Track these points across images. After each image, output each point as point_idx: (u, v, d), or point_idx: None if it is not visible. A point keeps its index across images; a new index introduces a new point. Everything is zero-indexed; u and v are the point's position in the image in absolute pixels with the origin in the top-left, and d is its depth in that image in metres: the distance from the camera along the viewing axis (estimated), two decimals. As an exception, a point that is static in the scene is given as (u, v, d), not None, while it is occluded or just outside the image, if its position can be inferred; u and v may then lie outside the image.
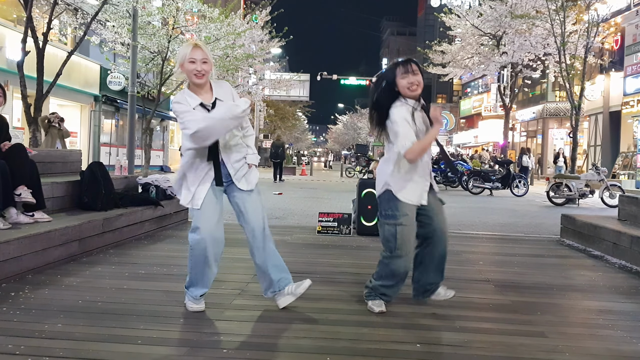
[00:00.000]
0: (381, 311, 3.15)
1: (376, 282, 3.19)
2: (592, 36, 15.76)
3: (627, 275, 4.47)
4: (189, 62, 2.92)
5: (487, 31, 19.85)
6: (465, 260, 4.87)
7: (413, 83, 3.02)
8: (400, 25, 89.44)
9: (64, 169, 6.20)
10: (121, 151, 20.40)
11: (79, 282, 3.63)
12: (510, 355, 2.58)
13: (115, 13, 16.24)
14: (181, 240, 5.53)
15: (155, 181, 6.37)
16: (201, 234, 2.95)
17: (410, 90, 3.03)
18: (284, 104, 43.23)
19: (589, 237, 5.71)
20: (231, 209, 3.20)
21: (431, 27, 63.30)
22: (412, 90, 3.04)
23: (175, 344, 2.57)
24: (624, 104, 21.46)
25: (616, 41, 21.54)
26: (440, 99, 61.16)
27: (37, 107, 9.51)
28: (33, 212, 4.27)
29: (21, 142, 4.84)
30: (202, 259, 2.98)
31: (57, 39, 16.03)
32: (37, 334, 2.62)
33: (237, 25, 19.92)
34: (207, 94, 3.00)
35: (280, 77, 34.12)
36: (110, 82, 20.49)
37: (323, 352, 2.53)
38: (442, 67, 22.66)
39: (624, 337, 2.89)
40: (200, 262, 2.99)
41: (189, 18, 18.62)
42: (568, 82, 15.79)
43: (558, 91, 29.04)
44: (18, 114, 15.52)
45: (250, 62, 23.22)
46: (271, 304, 3.30)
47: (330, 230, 6.11)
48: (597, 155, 23.45)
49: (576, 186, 12.51)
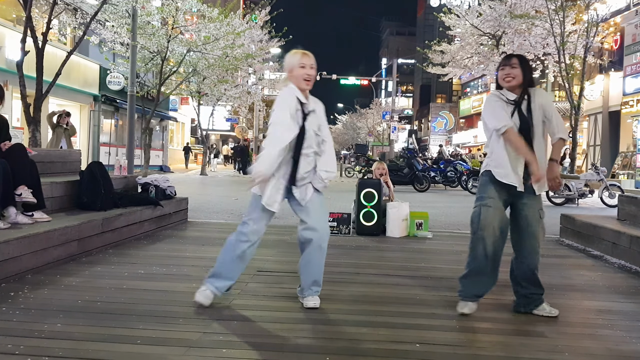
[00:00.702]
0: (463, 313, 3.14)
1: (462, 274, 3.26)
2: (591, 36, 15.77)
3: (627, 275, 4.47)
4: (299, 67, 3.08)
5: (487, 31, 19.83)
6: (465, 260, 4.86)
7: (509, 74, 3.14)
8: (400, 25, 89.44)
9: (64, 168, 6.20)
10: (120, 151, 20.39)
11: (78, 282, 3.62)
12: (510, 355, 2.58)
13: (115, 13, 16.23)
14: (180, 240, 5.54)
15: (154, 181, 6.37)
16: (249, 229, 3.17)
17: (505, 81, 3.16)
18: (284, 104, 43.13)
19: (588, 237, 5.72)
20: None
21: (431, 27, 63.32)
22: (507, 82, 3.16)
23: (175, 344, 2.57)
24: (623, 103, 21.48)
25: (615, 41, 21.55)
26: (440, 99, 61.23)
27: (37, 106, 9.51)
28: (33, 212, 4.27)
29: (21, 142, 4.83)
30: (238, 254, 3.17)
31: (57, 39, 16.02)
32: (37, 334, 2.62)
33: (237, 25, 19.91)
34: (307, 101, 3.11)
35: (280, 77, 34.07)
36: (109, 82, 20.48)
37: (323, 352, 2.53)
38: (441, 67, 22.64)
39: (623, 336, 2.89)
40: (236, 256, 3.17)
41: (188, 18, 18.62)
42: (567, 82, 15.79)
43: (557, 91, 29.05)
44: (18, 113, 15.52)
45: (249, 62, 23.23)
46: (271, 303, 3.30)
47: (332, 230, 6.11)
48: (597, 155, 23.46)
49: (575, 186, 12.51)
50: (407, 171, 16.48)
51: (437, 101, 60.16)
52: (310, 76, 3.08)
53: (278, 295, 3.51)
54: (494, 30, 19.67)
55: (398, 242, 5.86)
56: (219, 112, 33.68)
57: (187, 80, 21.33)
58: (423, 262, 4.79)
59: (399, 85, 64.71)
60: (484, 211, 3.10)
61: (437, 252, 5.36)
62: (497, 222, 3.09)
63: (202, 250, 5.01)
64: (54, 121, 11.30)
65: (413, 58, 65.81)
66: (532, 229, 3.13)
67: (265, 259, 4.59)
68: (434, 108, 55.36)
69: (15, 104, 14.97)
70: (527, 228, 3.14)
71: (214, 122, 30.79)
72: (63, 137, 11.23)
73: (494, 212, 3.09)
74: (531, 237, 3.14)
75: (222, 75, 21.36)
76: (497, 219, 3.10)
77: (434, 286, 3.85)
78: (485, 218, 3.08)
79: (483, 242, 3.10)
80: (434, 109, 54.88)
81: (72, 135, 11.64)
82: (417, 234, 6.27)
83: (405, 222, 6.27)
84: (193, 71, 20.21)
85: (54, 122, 11.30)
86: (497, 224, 3.09)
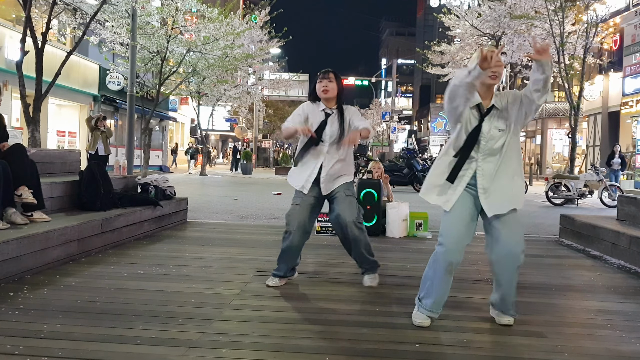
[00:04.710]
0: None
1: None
2: (591, 36, 15.78)
3: (626, 276, 4.47)
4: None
5: (486, 31, 19.85)
6: (464, 260, 4.83)
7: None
8: (400, 26, 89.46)
9: (63, 168, 6.19)
10: (120, 151, 20.38)
11: (77, 282, 3.62)
12: (510, 355, 2.58)
13: (114, 13, 16.24)
14: (180, 240, 5.53)
15: (154, 181, 6.37)
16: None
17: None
18: (283, 104, 43.23)
19: (587, 237, 5.72)
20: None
21: (430, 28, 63.40)
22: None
23: (174, 344, 2.56)
24: (622, 104, 21.49)
25: (615, 41, 21.55)
26: (440, 99, 61.19)
27: (36, 107, 9.50)
28: (32, 212, 4.26)
29: (20, 142, 4.83)
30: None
31: (56, 39, 16.01)
32: (36, 334, 2.62)
33: (236, 25, 19.92)
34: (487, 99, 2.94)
35: (280, 77, 34.11)
36: (109, 82, 20.49)
37: (323, 352, 2.52)
38: (441, 68, 22.66)
39: (622, 337, 2.89)
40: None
41: (188, 18, 18.63)
42: (567, 82, 15.80)
43: (557, 91, 29.06)
44: (17, 113, 15.51)
45: (249, 62, 23.23)
46: (270, 303, 3.30)
47: (330, 230, 6.10)
48: (596, 156, 23.47)
49: (575, 186, 12.52)
50: (407, 171, 16.47)
51: (436, 101, 60.18)
52: (495, 72, 2.88)
53: (278, 295, 3.51)
54: (493, 31, 19.69)
55: (398, 242, 5.86)
56: (219, 113, 33.71)
57: (186, 81, 21.34)
58: (423, 262, 4.76)
59: (399, 86, 64.76)
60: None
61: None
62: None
63: (202, 250, 5.00)
64: (92, 124, 11.89)
65: (413, 58, 65.84)
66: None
67: (265, 259, 4.59)
68: (433, 108, 55.39)
69: (15, 104, 14.96)
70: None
71: (213, 122, 30.83)
72: (100, 140, 11.82)
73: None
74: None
75: (221, 75, 21.36)
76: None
77: (433, 286, 3.84)
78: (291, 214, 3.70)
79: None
80: (433, 109, 54.91)
81: (108, 138, 12.21)
82: (416, 234, 6.27)
83: (405, 223, 6.27)
84: (193, 71, 20.22)
85: (92, 125, 11.88)
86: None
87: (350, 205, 3.57)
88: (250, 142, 35.82)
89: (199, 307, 3.14)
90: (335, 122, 3.57)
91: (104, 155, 11.80)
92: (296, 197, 3.67)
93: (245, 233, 6.18)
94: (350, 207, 3.56)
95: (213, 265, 4.33)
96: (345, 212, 3.53)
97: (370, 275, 3.76)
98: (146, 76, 20.47)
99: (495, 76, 2.87)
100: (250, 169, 26.63)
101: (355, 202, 3.65)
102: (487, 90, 2.92)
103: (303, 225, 3.59)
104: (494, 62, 2.71)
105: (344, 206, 3.55)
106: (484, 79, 2.82)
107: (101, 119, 12.01)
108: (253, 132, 36.49)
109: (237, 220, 7.94)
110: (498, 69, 2.87)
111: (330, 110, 3.61)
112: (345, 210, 3.53)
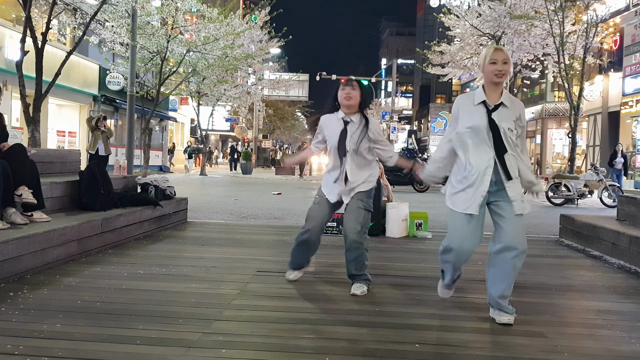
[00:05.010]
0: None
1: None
2: (591, 36, 15.77)
3: (626, 276, 4.47)
4: (490, 64, 3.03)
5: (486, 31, 19.83)
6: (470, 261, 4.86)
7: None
8: (400, 26, 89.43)
9: (63, 169, 6.19)
10: (120, 151, 20.38)
11: (77, 282, 3.62)
12: (510, 355, 2.58)
13: (114, 13, 16.24)
14: (180, 240, 5.53)
15: (154, 181, 6.37)
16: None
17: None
18: (283, 104, 43.24)
19: (587, 237, 5.72)
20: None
21: (430, 28, 63.37)
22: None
23: (174, 344, 2.56)
24: (622, 104, 21.49)
25: (615, 41, 21.55)
26: (440, 99, 61.27)
27: (36, 107, 9.51)
28: (32, 212, 4.26)
29: (20, 142, 4.83)
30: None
31: (56, 39, 16.02)
32: (36, 334, 2.62)
33: (236, 25, 19.92)
34: (495, 95, 3.02)
35: (280, 77, 34.12)
36: (109, 82, 20.49)
37: (323, 352, 2.52)
38: (441, 68, 22.65)
39: (622, 337, 2.89)
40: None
41: (188, 18, 18.62)
42: (567, 82, 15.80)
43: (557, 91, 29.08)
44: (17, 113, 15.52)
45: (249, 62, 23.24)
46: (270, 303, 3.30)
47: (330, 230, 6.11)
48: (596, 156, 23.47)
49: (575, 186, 12.52)
50: (407, 171, 16.45)
51: (436, 101, 60.18)
52: (501, 71, 2.97)
53: (278, 295, 3.51)
54: (493, 31, 19.68)
55: (398, 242, 5.86)
56: (219, 112, 33.70)
57: (186, 81, 21.34)
58: (423, 262, 4.79)
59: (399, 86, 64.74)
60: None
61: (437, 252, 5.33)
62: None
63: (202, 250, 5.00)
64: (93, 124, 11.95)
65: (413, 58, 65.83)
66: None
67: (265, 259, 4.59)
68: (433, 108, 55.34)
69: (15, 104, 14.96)
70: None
71: (213, 122, 30.83)
72: (100, 139, 11.90)
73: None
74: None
75: (221, 75, 21.36)
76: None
77: (433, 286, 3.84)
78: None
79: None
80: (433, 110, 54.86)
81: (109, 138, 12.28)
82: (416, 234, 6.27)
83: (405, 223, 6.27)
84: (193, 71, 20.22)
85: (93, 125, 11.94)
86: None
87: (357, 217, 3.58)
88: (250, 142, 35.82)
89: (199, 307, 3.14)
90: (356, 131, 3.59)
91: (104, 155, 11.83)
92: (318, 195, 3.78)
93: (245, 233, 6.18)
94: (356, 219, 3.57)
95: (213, 265, 4.33)
96: (349, 223, 3.58)
97: (357, 284, 3.63)
98: (146, 76, 20.47)
99: (502, 74, 2.95)
100: (250, 169, 26.65)
101: (365, 213, 3.61)
102: (495, 88, 3.01)
103: (320, 224, 3.73)
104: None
105: (350, 216, 3.60)
106: (490, 77, 2.97)
107: (102, 119, 12.05)
108: (253, 132, 36.49)
109: (237, 220, 7.94)
110: (504, 67, 2.95)
111: (349, 118, 3.63)
112: (350, 221, 3.58)
